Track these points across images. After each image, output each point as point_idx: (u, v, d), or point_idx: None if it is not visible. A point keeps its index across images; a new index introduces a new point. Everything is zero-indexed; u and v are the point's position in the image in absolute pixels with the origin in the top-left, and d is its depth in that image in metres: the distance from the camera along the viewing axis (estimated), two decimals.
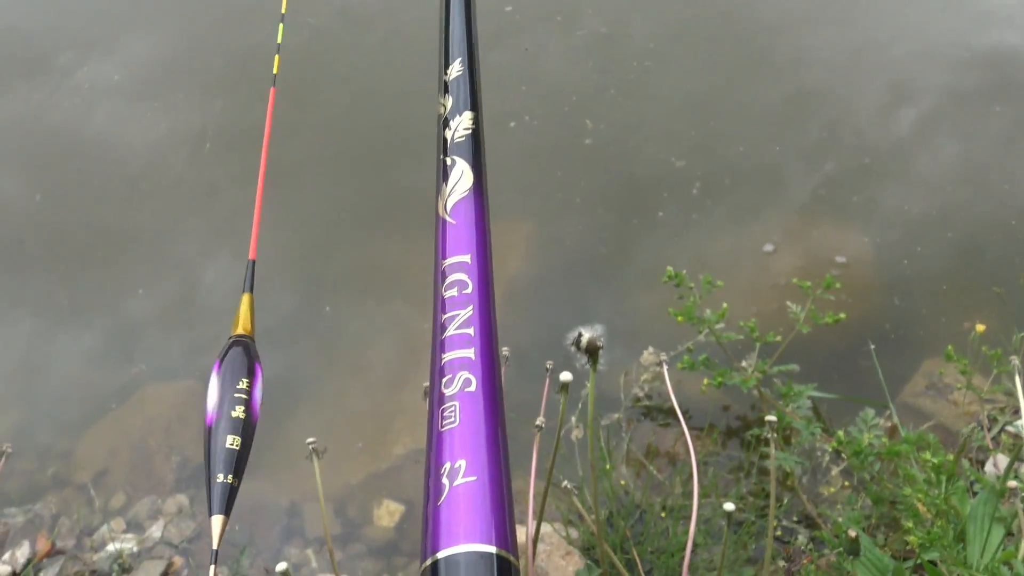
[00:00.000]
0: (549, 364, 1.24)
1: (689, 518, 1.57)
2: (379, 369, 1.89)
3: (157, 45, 2.66)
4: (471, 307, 0.41)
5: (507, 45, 2.55)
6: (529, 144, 2.37)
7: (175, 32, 2.71)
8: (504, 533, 0.33)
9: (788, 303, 1.68)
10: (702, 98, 2.52)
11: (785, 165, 2.35)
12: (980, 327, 1.67)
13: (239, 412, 0.42)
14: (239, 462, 0.41)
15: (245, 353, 0.44)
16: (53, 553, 1.53)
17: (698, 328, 1.58)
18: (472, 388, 0.38)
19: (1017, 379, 1.21)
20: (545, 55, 2.61)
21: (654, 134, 2.45)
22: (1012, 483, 0.94)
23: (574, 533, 1.54)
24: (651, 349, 1.84)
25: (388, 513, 1.67)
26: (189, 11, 2.79)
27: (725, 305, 1.59)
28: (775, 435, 1.02)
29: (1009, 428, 1.73)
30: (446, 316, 0.42)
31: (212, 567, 0.36)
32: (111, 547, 1.53)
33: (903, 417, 1.78)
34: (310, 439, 1.01)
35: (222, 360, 0.44)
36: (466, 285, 0.42)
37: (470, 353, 0.40)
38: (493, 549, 0.33)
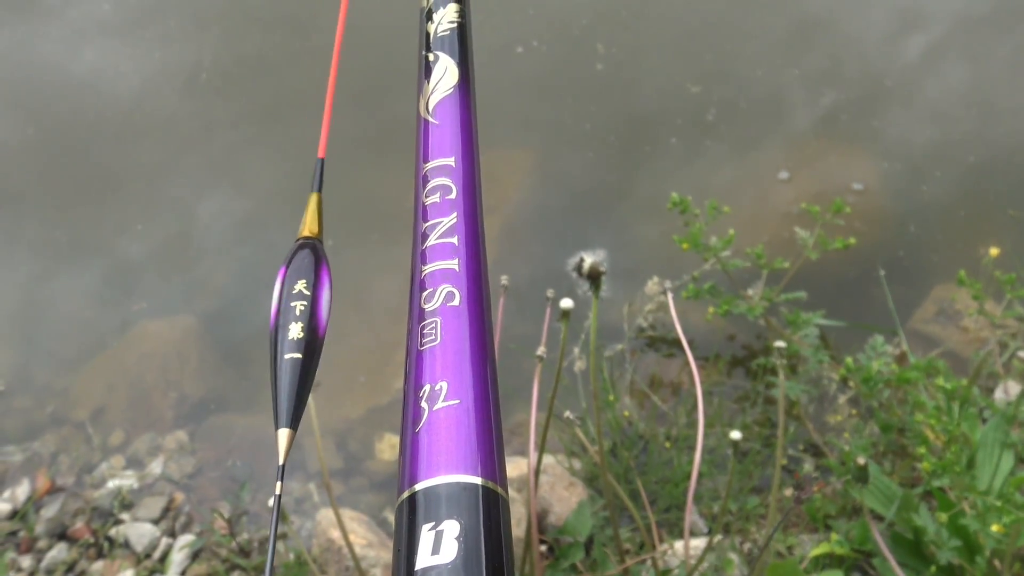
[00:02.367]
0: (550, 293, 1.20)
1: (693, 448, 1.56)
2: (380, 302, 1.86)
3: None
4: (455, 214, 0.37)
5: None
6: (537, 70, 2.29)
7: None
8: (491, 462, 0.30)
9: (796, 228, 1.63)
10: (719, 19, 2.43)
11: (803, 89, 2.27)
12: (994, 251, 1.62)
13: (303, 321, 0.38)
14: (304, 373, 0.36)
15: (312, 255, 0.40)
16: (53, 491, 1.52)
17: (703, 256, 1.54)
18: (455, 303, 0.34)
19: None
20: None
21: (668, 59, 2.36)
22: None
23: (577, 464, 1.52)
24: (655, 279, 1.79)
25: (390, 447, 1.66)
26: None
27: (732, 231, 1.55)
28: (784, 361, 0.99)
29: (1020, 354, 1.69)
30: (427, 224, 0.37)
31: (279, 483, 0.33)
32: (111, 484, 1.52)
33: (912, 344, 1.74)
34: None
35: (288, 265, 0.39)
36: (449, 190, 0.38)
37: (453, 264, 0.36)
38: (479, 480, 0.29)
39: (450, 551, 0.27)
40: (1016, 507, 0.92)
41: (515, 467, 1.47)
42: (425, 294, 0.35)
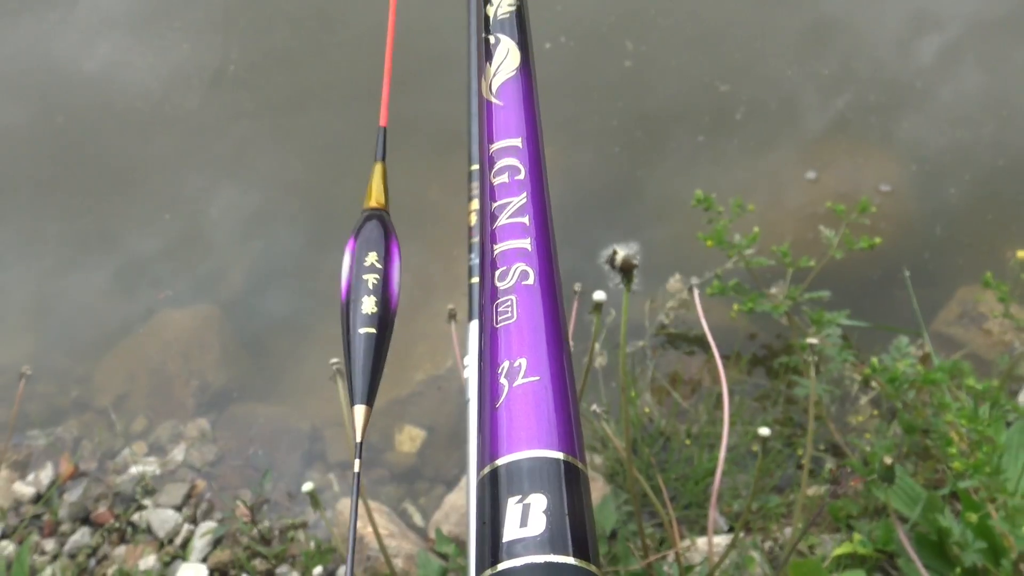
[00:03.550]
0: (577, 287, 1.20)
1: (714, 445, 1.55)
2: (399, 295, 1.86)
3: None
4: (524, 194, 0.37)
5: None
6: (565, 67, 2.28)
7: None
8: (570, 437, 0.30)
9: (821, 227, 1.62)
10: (749, 17, 2.41)
11: (832, 90, 2.25)
12: (1021, 253, 1.61)
13: (375, 295, 0.37)
14: (379, 348, 0.36)
15: (380, 226, 0.39)
16: (76, 475, 1.53)
17: (728, 253, 1.53)
18: (530, 281, 0.34)
19: None
20: None
21: (698, 57, 2.35)
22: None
23: (598, 459, 1.52)
24: (678, 276, 1.79)
25: (410, 439, 1.66)
26: None
27: (756, 229, 1.54)
28: (815, 358, 0.98)
29: None
30: (496, 204, 0.37)
31: (357, 460, 0.32)
32: (134, 470, 1.53)
33: (935, 346, 1.73)
34: (334, 360, 0.98)
35: (356, 236, 0.39)
36: (518, 171, 0.38)
37: (526, 244, 0.35)
38: (560, 455, 0.29)
39: (538, 524, 0.27)
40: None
41: None
42: (499, 272, 0.35)
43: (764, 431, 1.02)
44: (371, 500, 1.50)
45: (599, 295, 0.91)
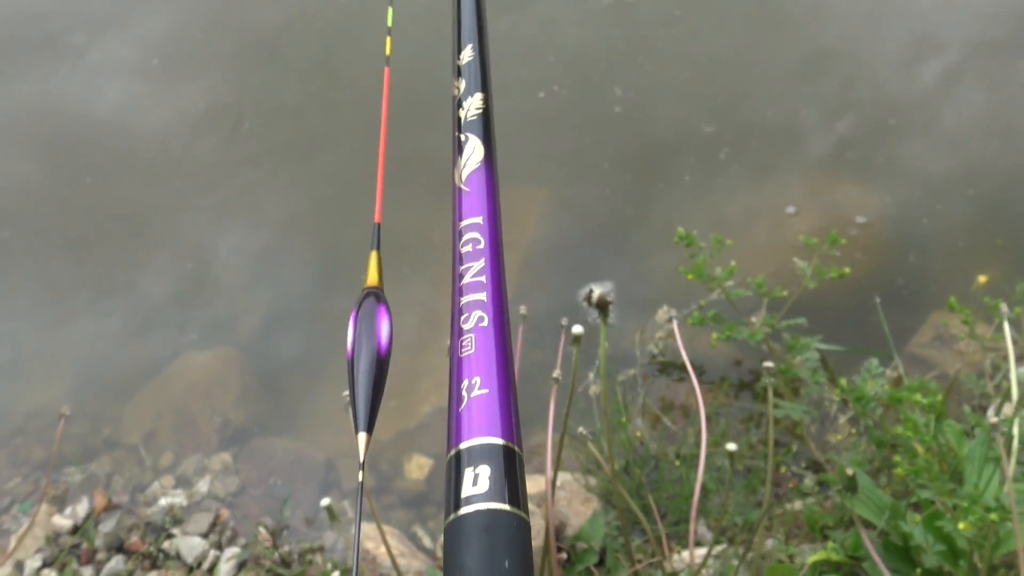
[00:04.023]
0: (564, 321, 1.33)
1: (706, 465, 1.66)
2: (405, 334, 1.99)
3: (171, 23, 2.74)
4: (483, 260, 0.50)
5: (532, 16, 2.60)
6: (558, 113, 2.43)
7: (190, 10, 2.79)
8: (510, 430, 0.42)
9: (795, 259, 1.74)
10: (730, 62, 2.56)
11: (811, 128, 2.39)
12: (982, 278, 1.73)
13: (368, 352, 0.50)
14: (373, 390, 0.48)
15: (374, 302, 0.52)
16: (110, 508, 1.66)
17: (708, 286, 1.65)
18: (485, 324, 0.47)
19: (1006, 324, 1.28)
20: (572, 24, 2.65)
21: (683, 100, 2.49)
22: (993, 419, 1.02)
23: (592, 481, 1.63)
24: (665, 308, 1.91)
25: (418, 467, 1.77)
26: None
27: (733, 263, 1.66)
28: (772, 379, 1.10)
29: (1011, 375, 1.79)
30: (463, 267, 0.50)
31: (360, 473, 0.44)
32: (163, 501, 1.65)
33: (910, 367, 1.85)
34: (345, 392, 1.10)
35: (358, 308, 0.52)
36: (479, 242, 0.51)
37: (483, 296, 0.48)
38: (501, 441, 0.42)
39: (484, 485, 0.39)
40: (983, 508, 1.03)
41: (534, 484, 1.58)
42: (463, 317, 0.48)
43: (731, 446, 1.13)
44: (383, 524, 1.61)
45: (577, 328, 1.03)
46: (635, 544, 1.44)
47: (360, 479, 0.49)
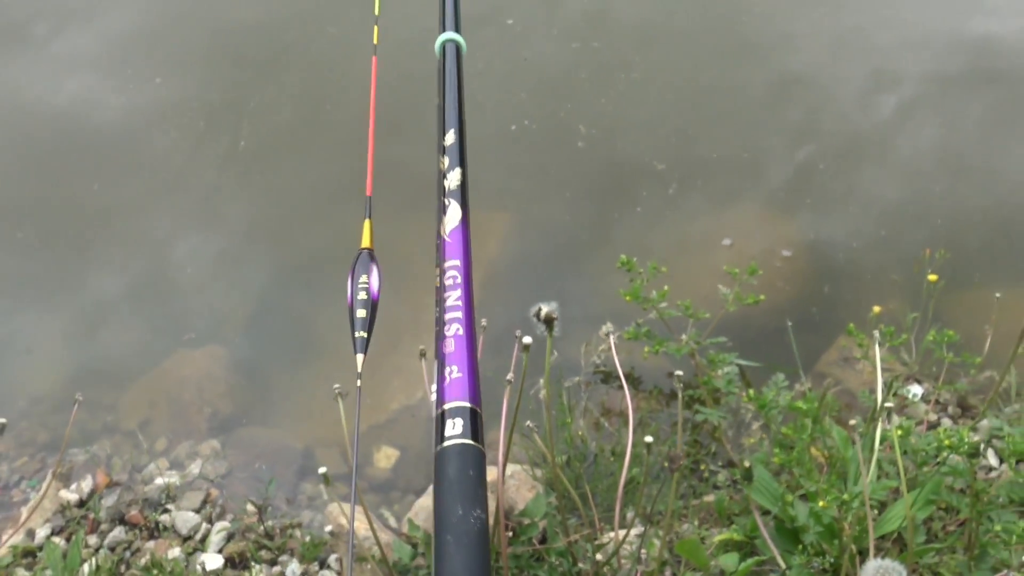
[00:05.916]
0: (518, 332, 1.58)
1: (633, 461, 1.92)
2: (379, 337, 2.22)
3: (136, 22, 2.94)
4: (459, 289, 0.74)
5: (508, 56, 2.86)
6: (527, 145, 2.69)
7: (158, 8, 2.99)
8: (476, 398, 0.67)
9: (720, 286, 2.02)
10: (685, 107, 2.84)
11: (750, 170, 2.68)
12: (877, 309, 2.02)
13: (364, 295, 0.76)
14: (368, 325, 0.73)
15: (368, 259, 0.76)
16: (111, 485, 1.86)
17: (643, 306, 1.92)
18: (460, 332, 0.71)
19: (876, 347, 1.57)
20: (543, 65, 2.91)
21: (639, 139, 2.76)
22: (852, 422, 1.29)
23: (539, 472, 1.88)
24: (608, 324, 2.18)
25: (386, 457, 2.01)
26: None
27: (666, 287, 1.93)
28: (680, 384, 1.36)
29: (902, 392, 2.09)
30: (446, 293, 0.75)
31: (359, 387, 0.69)
32: (159, 480, 1.86)
33: (818, 382, 2.14)
34: (336, 385, 1.34)
35: (354, 264, 0.77)
36: (457, 278, 0.75)
37: (460, 315, 0.73)
38: (469, 404, 0.66)
39: (459, 429, 0.64)
40: (840, 491, 1.30)
41: (488, 473, 1.83)
42: (446, 328, 0.72)
43: (648, 439, 1.39)
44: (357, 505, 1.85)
45: (527, 339, 1.27)
46: (571, 524, 1.69)
47: (358, 386, 0.74)
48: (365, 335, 0.74)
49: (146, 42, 2.86)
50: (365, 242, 0.78)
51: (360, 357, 0.71)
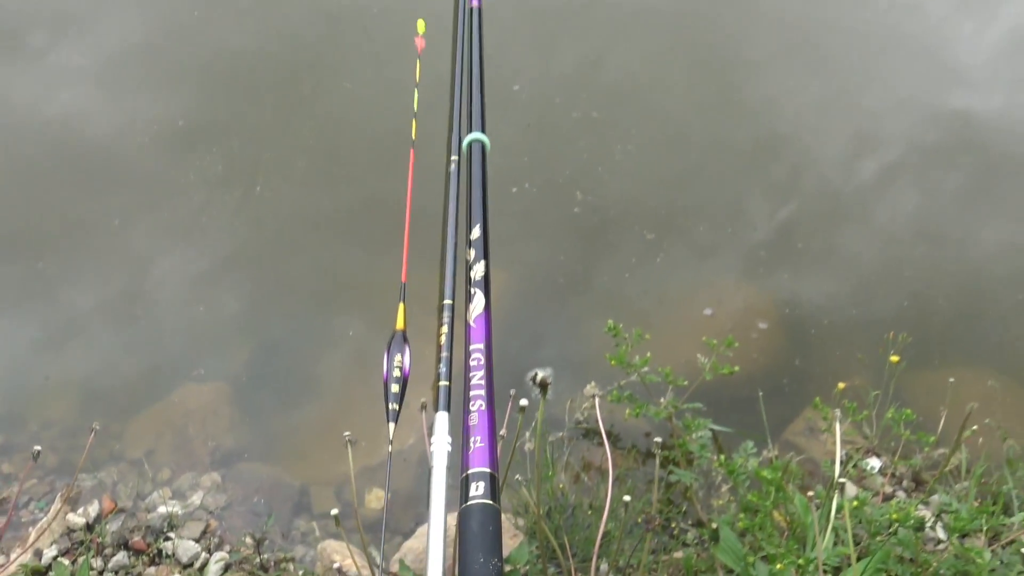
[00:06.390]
0: (512, 391, 1.72)
1: (611, 515, 2.05)
2: (374, 389, 2.35)
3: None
4: (483, 370, 0.89)
5: (513, 120, 3.03)
6: (526, 208, 2.85)
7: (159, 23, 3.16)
8: (495, 465, 0.81)
9: (699, 355, 2.17)
10: (674, 182, 3.01)
11: (733, 246, 2.85)
12: (841, 385, 2.18)
13: (398, 372, 0.89)
14: (400, 397, 0.86)
15: (402, 340, 0.90)
16: (116, 511, 1.96)
17: (627, 371, 2.07)
18: (483, 407, 0.86)
19: (836, 425, 1.72)
20: (545, 132, 3.08)
21: (631, 209, 2.93)
22: (810, 493, 1.44)
23: (521, 522, 2.01)
24: (593, 383, 2.32)
25: (377, 499, 2.13)
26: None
27: (648, 354, 2.08)
28: (662, 451, 1.51)
29: (862, 465, 2.25)
30: (471, 373, 0.89)
31: (390, 451, 0.82)
32: (162, 509, 1.97)
33: (784, 450, 2.29)
34: (347, 432, 1.47)
35: (390, 344, 0.90)
36: (480, 360, 0.90)
37: (482, 392, 0.87)
38: (488, 470, 0.80)
39: (480, 490, 0.78)
40: (797, 555, 1.44)
41: None
42: (471, 403, 0.86)
43: (626, 498, 1.53)
44: (347, 543, 1.96)
45: (523, 402, 1.41)
46: (551, 573, 1.81)
47: (389, 450, 0.88)
48: (397, 407, 0.88)
49: (168, 73, 3.01)
50: (399, 324, 0.92)
51: (392, 426, 0.85)
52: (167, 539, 1.90)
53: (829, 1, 3.65)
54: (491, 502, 0.77)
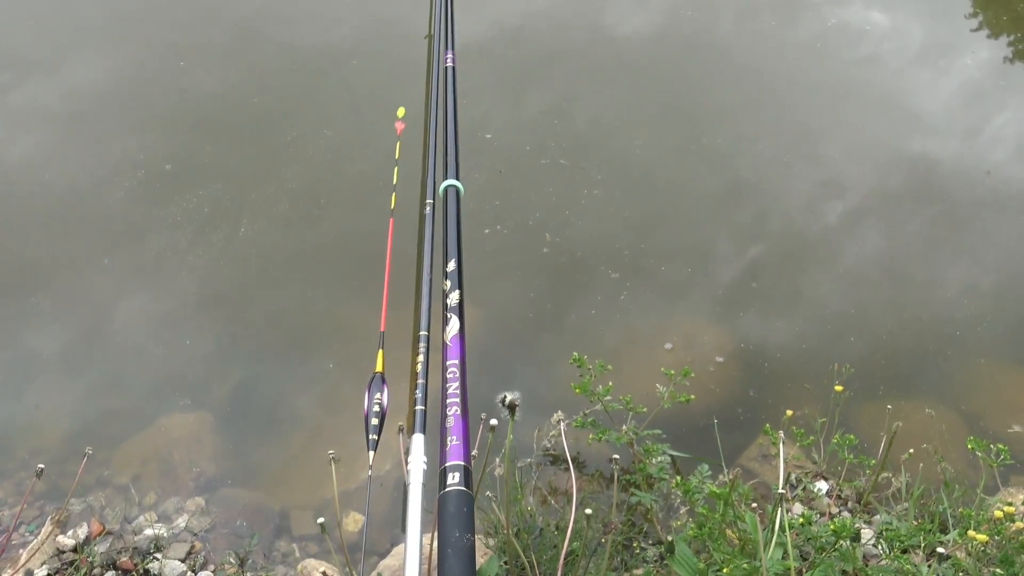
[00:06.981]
0: (483, 415, 1.86)
1: (575, 535, 2.18)
2: (357, 417, 2.47)
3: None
4: (457, 382, 1.03)
5: (486, 166, 3.21)
6: (498, 247, 3.00)
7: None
8: (468, 459, 0.95)
9: (658, 385, 2.33)
10: (638, 224, 3.19)
11: (693, 283, 3.03)
12: (789, 412, 2.35)
13: (378, 408, 1.02)
14: (378, 431, 1.00)
15: (380, 381, 1.04)
16: (104, 533, 2.05)
17: (591, 399, 2.21)
18: (458, 412, 1.00)
19: (781, 446, 1.87)
20: (516, 177, 3.26)
21: (598, 250, 3.09)
22: (754, 505, 1.58)
23: (492, 541, 2.13)
24: (559, 413, 2.46)
25: (354, 521, 2.24)
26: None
27: (611, 383, 2.23)
28: (617, 467, 1.65)
29: (810, 487, 2.40)
30: (447, 384, 1.04)
31: (369, 475, 0.95)
32: (148, 531, 2.06)
33: (739, 475, 2.43)
34: (331, 451, 1.60)
35: (369, 384, 1.03)
36: (455, 374, 1.04)
37: (458, 399, 1.01)
38: (462, 463, 0.94)
39: (456, 479, 0.92)
40: (745, 566, 1.58)
41: None
42: (447, 409, 1.01)
43: (588, 511, 1.66)
44: (325, 563, 2.06)
45: (493, 422, 1.55)
46: None
47: (369, 474, 1.01)
48: (376, 438, 1.02)
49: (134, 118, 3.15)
50: (379, 367, 1.06)
51: (372, 453, 0.98)
52: (154, 559, 1.99)
53: (791, 53, 3.91)
54: (465, 488, 0.90)
